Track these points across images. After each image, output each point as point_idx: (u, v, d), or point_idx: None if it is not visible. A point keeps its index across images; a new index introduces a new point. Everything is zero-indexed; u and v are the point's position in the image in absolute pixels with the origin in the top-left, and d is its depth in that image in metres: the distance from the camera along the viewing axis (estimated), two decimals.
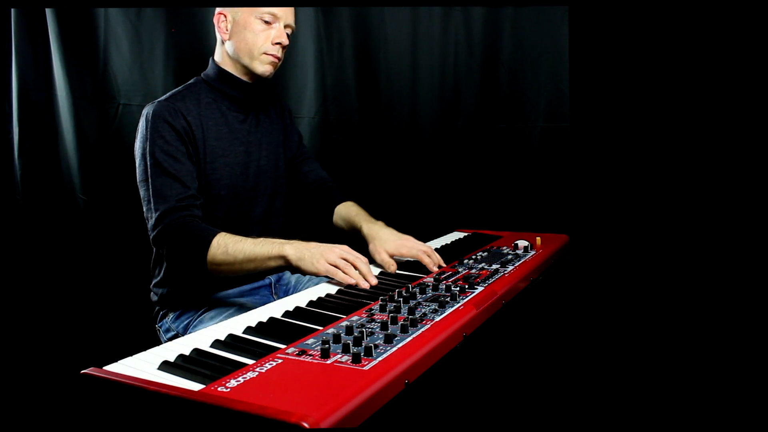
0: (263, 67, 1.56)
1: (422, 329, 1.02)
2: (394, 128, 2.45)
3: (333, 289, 1.34)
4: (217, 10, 1.58)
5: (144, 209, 1.49)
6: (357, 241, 1.61)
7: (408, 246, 1.51)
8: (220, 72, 1.60)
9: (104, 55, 2.52)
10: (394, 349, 0.93)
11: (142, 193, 1.49)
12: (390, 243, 1.52)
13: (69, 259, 2.63)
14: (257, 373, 0.83)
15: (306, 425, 0.69)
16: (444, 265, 1.50)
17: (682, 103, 1.41)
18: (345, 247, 1.39)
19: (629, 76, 1.46)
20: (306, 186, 1.81)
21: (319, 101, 2.45)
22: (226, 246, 1.38)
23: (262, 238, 1.41)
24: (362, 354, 0.89)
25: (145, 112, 1.51)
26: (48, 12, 2.50)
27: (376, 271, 1.46)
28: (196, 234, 1.41)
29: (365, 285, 1.33)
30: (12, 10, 2.49)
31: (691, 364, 1.40)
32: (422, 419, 1.04)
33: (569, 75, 2.20)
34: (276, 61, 1.57)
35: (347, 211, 1.74)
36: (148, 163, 1.46)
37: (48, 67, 2.58)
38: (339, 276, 1.33)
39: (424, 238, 1.88)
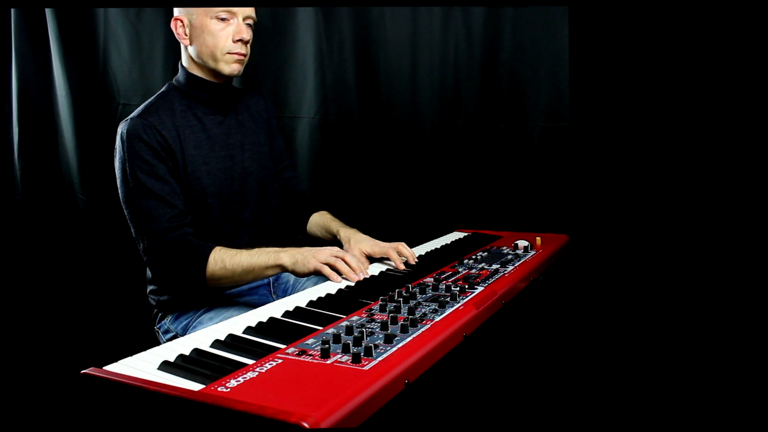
0: (230, 67, 1.52)
1: (422, 329, 1.02)
2: (394, 128, 2.45)
3: (333, 289, 1.34)
4: (175, 15, 1.53)
5: (132, 231, 1.49)
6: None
7: (381, 245, 1.58)
8: (189, 77, 1.56)
9: (104, 55, 2.53)
10: (394, 349, 0.93)
11: (127, 214, 1.48)
12: (365, 243, 1.59)
13: (69, 259, 2.63)
14: (257, 373, 0.83)
15: (306, 425, 0.69)
16: (415, 259, 1.55)
17: (682, 103, 1.41)
18: (336, 248, 1.44)
19: (629, 76, 1.46)
20: (283, 194, 1.80)
21: (319, 101, 2.45)
22: (223, 261, 1.42)
23: (257, 249, 1.44)
24: (362, 354, 0.89)
25: (119, 130, 1.48)
26: (48, 12, 2.50)
27: (376, 270, 1.47)
28: (192, 252, 1.43)
29: (355, 278, 1.38)
30: (12, 10, 2.49)
31: (691, 364, 1.40)
32: (422, 419, 1.04)
33: (569, 75, 2.19)
34: (242, 58, 1.53)
35: (322, 219, 1.78)
36: (130, 186, 1.44)
37: (48, 67, 2.58)
38: (325, 271, 1.38)
39: (424, 238, 1.89)
